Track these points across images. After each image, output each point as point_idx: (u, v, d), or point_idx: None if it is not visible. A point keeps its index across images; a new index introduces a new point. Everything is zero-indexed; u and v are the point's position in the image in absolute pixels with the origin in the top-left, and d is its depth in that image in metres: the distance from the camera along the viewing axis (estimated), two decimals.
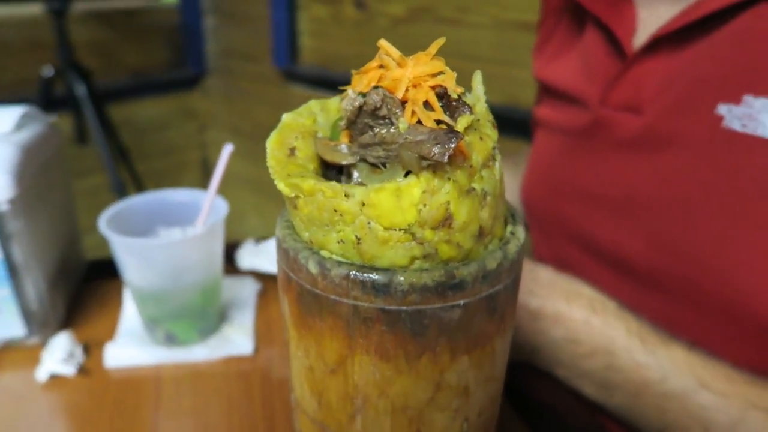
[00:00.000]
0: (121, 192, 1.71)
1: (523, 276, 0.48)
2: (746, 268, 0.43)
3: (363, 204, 0.26)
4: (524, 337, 0.48)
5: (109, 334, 0.56)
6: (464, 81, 0.30)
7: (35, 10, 1.78)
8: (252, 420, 0.47)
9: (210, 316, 0.54)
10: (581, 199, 0.56)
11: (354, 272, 0.27)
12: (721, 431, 0.41)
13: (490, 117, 0.30)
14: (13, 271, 0.50)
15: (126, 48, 2.04)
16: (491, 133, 0.29)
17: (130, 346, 0.53)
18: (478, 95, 0.30)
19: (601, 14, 0.54)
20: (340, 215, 0.27)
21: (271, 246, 0.64)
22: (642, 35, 0.52)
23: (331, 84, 1.59)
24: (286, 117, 0.31)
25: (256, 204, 2.33)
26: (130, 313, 0.57)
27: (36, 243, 0.52)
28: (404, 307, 0.27)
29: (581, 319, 0.46)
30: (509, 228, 0.31)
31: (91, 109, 1.68)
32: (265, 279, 0.64)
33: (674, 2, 0.50)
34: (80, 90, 1.61)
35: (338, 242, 0.28)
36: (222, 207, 0.53)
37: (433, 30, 1.46)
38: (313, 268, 0.28)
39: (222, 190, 0.52)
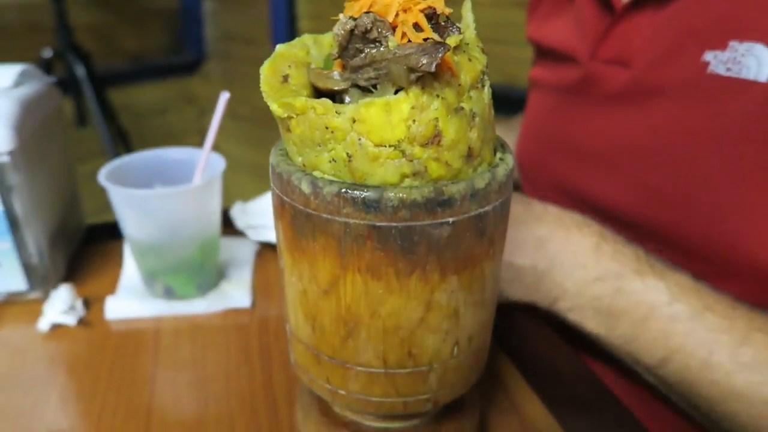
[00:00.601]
0: None
1: (531, 209, 0.49)
2: (733, 209, 0.44)
3: (354, 120, 0.27)
4: (530, 262, 0.48)
5: (109, 290, 0.57)
6: None
7: None
8: (250, 368, 0.48)
9: (208, 272, 0.55)
10: (570, 153, 0.57)
11: (345, 189, 0.28)
12: (725, 352, 0.41)
13: (480, 43, 0.31)
14: (13, 224, 0.51)
15: (125, 32, 2.04)
16: (480, 57, 0.29)
17: (129, 299, 0.54)
18: (467, 22, 0.31)
19: None
20: (332, 132, 0.27)
21: (258, 204, 0.65)
22: None
23: None
24: (279, 47, 0.32)
25: (257, 189, 2.33)
26: (130, 270, 0.58)
27: (36, 197, 0.52)
28: (394, 224, 0.28)
29: (591, 245, 0.47)
30: (498, 155, 0.32)
31: (91, 90, 1.68)
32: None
33: None
34: (80, 71, 1.62)
35: (330, 162, 0.28)
36: (219, 163, 0.53)
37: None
38: (305, 188, 0.29)
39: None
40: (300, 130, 0.28)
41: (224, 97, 0.49)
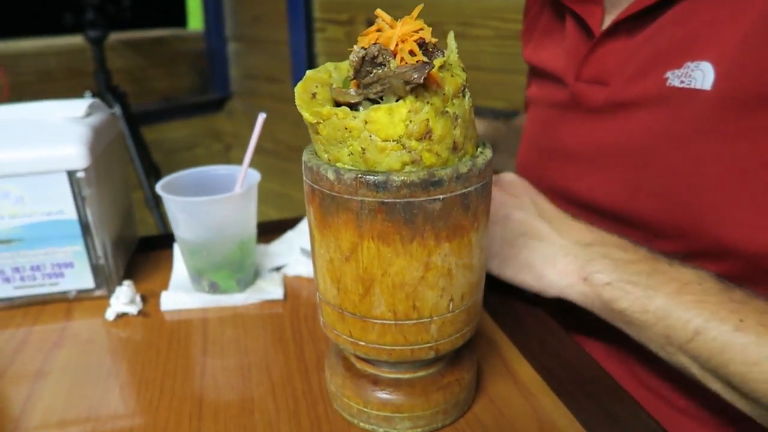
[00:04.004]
0: (156, 206, 1.84)
1: (581, 223, 0.58)
2: (696, 195, 0.52)
3: (366, 122, 0.36)
4: (588, 255, 0.55)
5: (162, 287, 0.66)
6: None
7: (74, 41, 1.95)
8: (284, 346, 0.57)
9: (247, 270, 0.64)
10: (562, 158, 0.66)
11: (361, 175, 0.37)
12: (753, 317, 0.45)
13: (461, 64, 0.40)
14: (85, 230, 0.61)
15: (156, 74, 2.19)
16: (461, 74, 0.39)
17: (180, 294, 0.63)
18: (451, 48, 0.40)
19: (575, 8, 0.65)
20: (349, 132, 0.37)
21: (278, 245, 0.73)
22: (607, 22, 0.63)
23: None
24: (309, 72, 0.42)
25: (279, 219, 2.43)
26: (179, 270, 0.68)
27: (103, 208, 0.62)
28: (398, 200, 0.37)
29: (630, 242, 0.54)
30: (480, 149, 0.41)
31: (127, 128, 1.82)
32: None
33: None
34: (117, 111, 1.75)
35: (349, 155, 0.38)
36: (255, 176, 0.63)
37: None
38: (331, 175, 0.38)
39: None
40: (326, 131, 0.38)
41: (261, 117, 0.59)
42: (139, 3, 1.91)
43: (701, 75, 0.52)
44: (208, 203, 0.59)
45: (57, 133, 0.59)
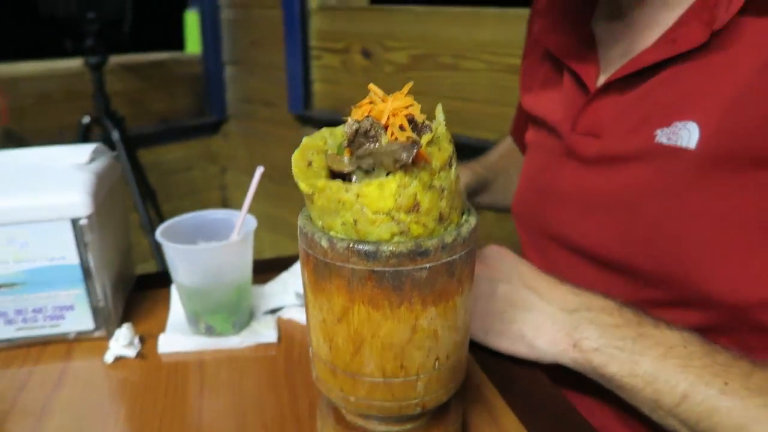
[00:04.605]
0: (152, 231, 1.85)
1: (566, 287, 0.60)
2: (681, 248, 0.55)
3: (358, 195, 0.38)
4: (574, 321, 0.56)
5: (159, 328, 0.68)
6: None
7: (74, 64, 1.97)
8: (278, 391, 0.58)
9: (242, 312, 0.66)
10: (557, 202, 0.70)
11: (353, 244, 0.39)
12: (738, 381, 0.47)
13: (449, 136, 0.42)
14: (86, 274, 0.63)
15: (154, 97, 2.22)
16: (448, 147, 0.41)
17: (177, 336, 0.65)
18: (439, 120, 0.42)
19: (572, 65, 0.68)
20: (342, 204, 0.39)
21: (273, 286, 0.76)
22: (602, 79, 0.66)
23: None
24: (305, 139, 0.44)
25: (273, 241, 2.46)
26: (175, 311, 0.69)
27: (104, 252, 0.64)
28: (387, 268, 0.39)
29: (615, 305, 0.56)
30: (465, 216, 0.43)
31: (124, 153, 1.84)
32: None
33: (622, 56, 0.64)
34: (115, 135, 1.77)
35: (342, 224, 0.40)
36: (252, 222, 0.65)
37: (433, 75, 1.61)
38: (324, 243, 0.40)
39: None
40: (321, 202, 0.40)
41: (259, 171, 0.61)
42: (138, 27, 1.94)
43: (687, 134, 0.55)
44: (207, 251, 0.61)
45: (61, 180, 0.61)
